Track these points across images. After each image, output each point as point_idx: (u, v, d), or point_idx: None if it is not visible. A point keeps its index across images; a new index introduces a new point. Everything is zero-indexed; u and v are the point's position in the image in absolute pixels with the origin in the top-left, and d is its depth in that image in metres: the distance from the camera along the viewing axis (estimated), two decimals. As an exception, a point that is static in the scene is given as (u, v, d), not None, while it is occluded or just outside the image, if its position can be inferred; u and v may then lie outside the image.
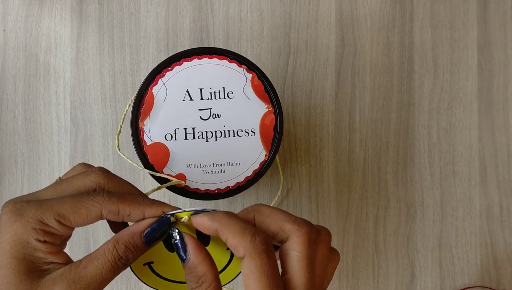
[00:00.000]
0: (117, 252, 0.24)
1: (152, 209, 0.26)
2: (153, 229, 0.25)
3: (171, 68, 0.36)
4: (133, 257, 0.25)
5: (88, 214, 0.25)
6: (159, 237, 0.26)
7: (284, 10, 0.50)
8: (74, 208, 0.25)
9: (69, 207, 0.25)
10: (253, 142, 0.36)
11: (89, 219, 0.25)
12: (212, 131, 0.36)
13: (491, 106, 0.50)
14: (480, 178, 0.50)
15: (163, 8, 0.49)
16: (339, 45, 0.50)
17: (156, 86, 0.35)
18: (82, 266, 0.24)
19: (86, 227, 0.48)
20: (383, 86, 0.50)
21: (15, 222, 0.24)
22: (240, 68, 0.36)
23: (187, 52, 0.36)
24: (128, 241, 0.25)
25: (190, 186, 0.35)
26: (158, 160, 0.35)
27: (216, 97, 0.36)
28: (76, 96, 0.49)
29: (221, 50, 0.36)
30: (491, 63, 0.50)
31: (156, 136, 0.35)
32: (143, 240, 0.25)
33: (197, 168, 0.35)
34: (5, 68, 0.49)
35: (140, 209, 0.26)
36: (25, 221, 0.24)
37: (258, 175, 0.36)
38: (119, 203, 0.25)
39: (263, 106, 0.36)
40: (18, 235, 0.23)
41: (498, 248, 0.49)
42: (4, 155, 0.49)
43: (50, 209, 0.24)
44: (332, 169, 0.49)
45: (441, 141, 0.50)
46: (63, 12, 0.49)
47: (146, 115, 0.35)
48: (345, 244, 0.49)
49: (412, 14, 0.50)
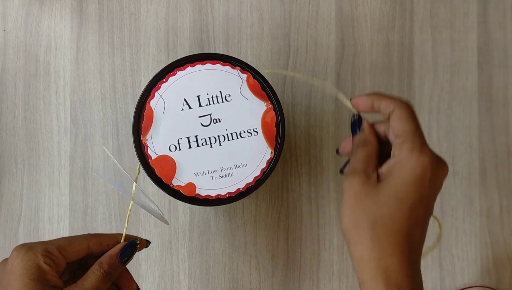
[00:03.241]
0: (103, 270, 0.32)
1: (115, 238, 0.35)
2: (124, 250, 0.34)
3: (166, 79, 0.36)
4: (115, 272, 0.33)
5: (80, 246, 0.33)
6: (130, 256, 0.34)
7: (284, 10, 0.50)
8: (69, 242, 0.33)
9: (66, 241, 0.33)
10: (257, 141, 0.36)
11: (81, 251, 0.33)
12: (215, 136, 0.36)
13: (491, 106, 0.50)
14: (480, 178, 0.50)
15: (163, 8, 0.49)
16: (339, 45, 0.50)
17: (153, 100, 0.36)
18: (80, 283, 0.32)
19: (86, 227, 0.48)
20: (383, 86, 0.50)
21: (26, 252, 0.31)
22: (234, 70, 0.36)
23: (179, 61, 0.36)
24: (109, 261, 0.33)
25: (201, 193, 0.35)
26: (165, 172, 0.35)
27: (214, 102, 0.36)
28: (76, 96, 0.49)
29: (213, 54, 0.36)
30: (491, 63, 0.50)
31: (160, 149, 0.35)
32: (119, 260, 0.33)
33: (205, 175, 0.36)
34: (5, 68, 0.49)
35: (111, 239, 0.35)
36: (34, 250, 0.31)
37: (266, 173, 0.36)
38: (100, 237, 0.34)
39: (262, 104, 0.36)
40: (31, 260, 0.30)
41: (498, 248, 0.49)
42: (4, 155, 0.49)
43: (52, 243, 0.32)
44: (332, 169, 0.49)
45: (441, 141, 0.50)
46: (63, 12, 0.49)
47: (147, 130, 0.35)
48: (345, 244, 0.49)
49: (412, 14, 0.50)
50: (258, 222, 0.49)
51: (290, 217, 0.49)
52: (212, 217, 0.49)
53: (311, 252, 0.49)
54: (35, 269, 0.30)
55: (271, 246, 0.49)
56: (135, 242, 0.34)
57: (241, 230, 0.49)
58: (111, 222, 0.48)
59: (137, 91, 0.49)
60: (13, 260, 0.31)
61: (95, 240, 0.34)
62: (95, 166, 0.48)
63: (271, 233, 0.49)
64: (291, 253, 0.49)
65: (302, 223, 0.49)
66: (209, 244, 0.48)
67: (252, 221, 0.49)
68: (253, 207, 0.49)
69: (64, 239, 0.33)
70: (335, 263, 0.49)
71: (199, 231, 0.48)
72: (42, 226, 0.48)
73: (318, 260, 0.49)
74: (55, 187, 0.49)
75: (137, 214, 0.48)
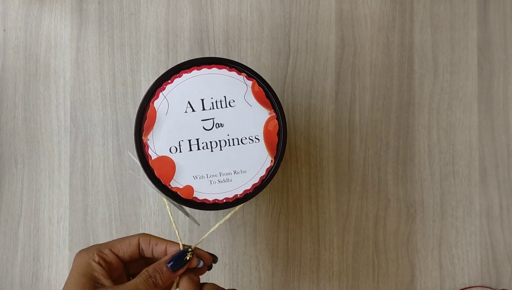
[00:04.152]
0: (148, 272, 0.34)
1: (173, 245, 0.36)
2: (174, 257, 0.35)
3: (171, 80, 0.36)
4: (160, 278, 0.34)
5: (130, 242, 0.36)
6: (180, 263, 0.35)
7: (284, 10, 0.50)
8: (120, 241, 0.36)
9: (117, 241, 0.36)
10: (258, 149, 0.36)
11: (131, 247, 0.36)
12: (216, 141, 0.36)
13: (491, 106, 0.50)
14: (480, 178, 0.50)
15: (163, 8, 0.49)
16: (339, 45, 0.50)
17: (158, 100, 0.36)
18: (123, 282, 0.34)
19: (86, 227, 0.48)
20: (383, 86, 0.50)
21: (82, 252, 0.35)
22: (240, 76, 0.36)
23: (186, 63, 0.36)
24: (155, 266, 0.34)
25: (198, 197, 0.35)
26: (164, 173, 0.35)
27: (218, 107, 0.36)
28: (76, 96, 0.49)
29: (220, 59, 0.36)
30: (491, 63, 0.50)
31: (161, 149, 0.35)
32: (168, 266, 0.34)
33: (204, 179, 0.36)
34: (5, 68, 0.49)
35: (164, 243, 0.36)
36: (90, 250, 0.35)
37: (265, 181, 0.36)
38: (150, 236, 0.36)
39: (266, 112, 0.36)
40: (83, 258, 0.34)
41: (498, 248, 0.49)
42: (4, 155, 0.49)
43: (105, 244, 0.36)
44: (332, 169, 0.49)
45: (441, 141, 0.50)
46: (63, 12, 0.49)
47: (149, 130, 0.35)
48: (345, 244, 0.49)
49: (412, 14, 0.50)
50: (258, 222, 0.49)
51: (290, 217, 0.49)
52: (212, 217, 0.49)
53: (311, 252, 0.49)
54: (84, 265, 0.34)
55: (271, 246, 0.49)
56: (186, 251, 0.35)
57: (241, 230, 0.49)
58: (111, 223, 0.48)
59: (137, 91, 0.49)
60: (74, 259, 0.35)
61: (144, 238, 0.36)
62: (95, 166, 0.48)
63: (271, 233, 0.49)
64: (291, 253, 0.49)
65: (302, 223, 0.49)
66: (209, 244, 0.48)
67: (252, 221, 0.49)
68: (253, 207, 0.49)
69: (117, 239, 0.36)
70: (335, 263, 0.49)
71: (199, 231, 0.48)
72: (42, 226, 0.48)
73: (318, 260, 0.49)
74: (55, 187, 0.49)
75: (137, 214, 0.48)
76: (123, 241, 0.36)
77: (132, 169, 0.48)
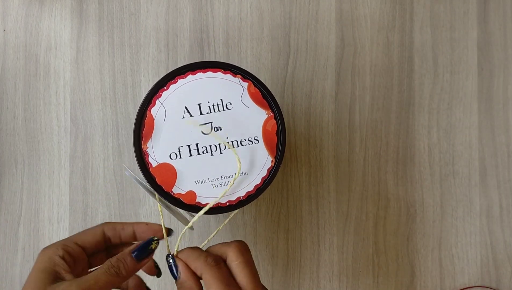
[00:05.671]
0: (110, 263, 0.32)
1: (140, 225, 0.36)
2: (139, 246, 0.34)
3: (167, 87, 0.36)
4: (124, 268, 0.33)
5: (94, 232, 0.36)
6: (145, 252, 0.34)
7: (284, 10, 0.50)
8: (84, 232, 0.36)
9: (81, 233, 0.36)
10: (258, 149, 0.36)
11: (96, 237, 0.36)
12: (215, 145, 0.36)
13: (491, 106, 0.50)
14: (480, 178, 0.50)
15: (163, 8, 0.49)
16: (339, 45, 0.50)
17: (154, 107, 0.35)
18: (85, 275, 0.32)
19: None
20: (383, 86, 0.50)
21: (46, 248, 0.34)
22: (235, 78, 0.36)
23: (180, 69, 0.36)
24: (119, 256, 0.33)
25: (201, 201, 0.35)
26: (166, 180, 0.35)
27: (215, 110, 0.36)
28: (76, 96, 0.49)
29: (214, 62, 0.36)
30: (491, 63, 0.50)
31: (161, 156, 0.35)
32: (132, 255, 0.33)
33: (206, 183, 0.36)
34: (5, 68, 0.49)
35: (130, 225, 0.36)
36: (52, 246, 0.34)
37: (267, 182, 0.36)
38: (114, 223, 0.36)
39: (263, 113, 0.36)
40: (45, 254, 0.33)
41: (498, 248, 0.49)
42: (4, 155, 0.49)
43: (69, 238, 0.35)
44: (332, 169, 0.49)
45: (441, 141, 0.50)
46: (63, 12, 0.49)
47: (148, 137, 0.35)
48: (345, 244, 0.49)
49: (412, 14, 0.50)
50: (258, 222, 0.49)
51: (290, 217, 0.49)
52: (212, 217, 0.49)
53: (311, 252, 0.49)
54: (45, 261, 0.33)
55: (271, 246, 0.49)
56: (151, 240, 0.34)
57: (241, 230, 0.49)
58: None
59: (137, 91, 0.49)
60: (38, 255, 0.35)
61: (109, 226, 0.36)
62: (95, 166, 0.48)
63: (271, 233, 0.49)
64: (291, 253, 0.49)
65: (302, 223, 0.49)
66: (209, 244, 0.48)
67: (252, 221, 0.49)
68: (253, 207, 0.49)
69: (81, 231, 0.36)
70: (335, 263, 0.49)
71: (199, 231, 0.48)
72: (42, 226, 0.48)
73: (318, 260, 0.49)
74: (55, 187, 0.49)
75: (137, 214, 0.48)
76: (87, 232, 0.36)
77: (127, 166, 0.48)
